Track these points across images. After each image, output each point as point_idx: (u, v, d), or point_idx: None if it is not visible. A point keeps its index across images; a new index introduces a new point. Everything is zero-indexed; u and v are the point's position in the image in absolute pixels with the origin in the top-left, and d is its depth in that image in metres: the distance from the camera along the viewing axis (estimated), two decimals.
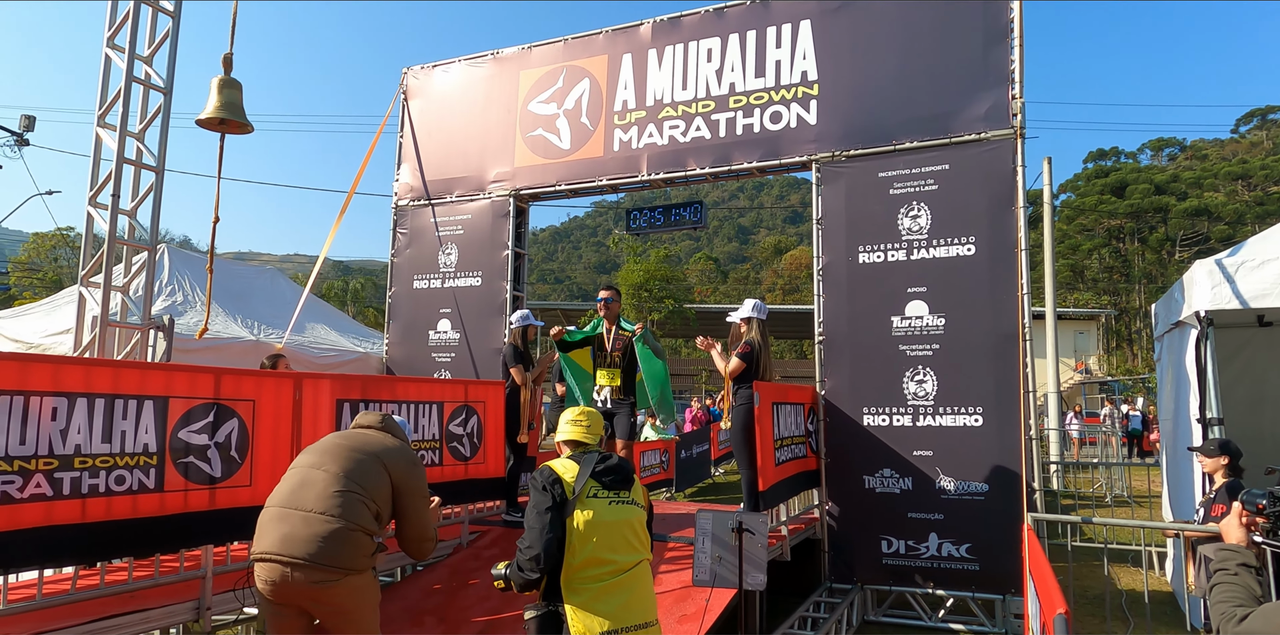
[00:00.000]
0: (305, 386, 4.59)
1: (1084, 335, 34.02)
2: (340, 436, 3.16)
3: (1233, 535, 1.82)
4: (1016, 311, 5.58)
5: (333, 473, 2.92)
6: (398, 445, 3.16)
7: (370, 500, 2.92)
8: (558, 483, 2.71)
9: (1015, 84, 5.79)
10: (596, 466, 2.78)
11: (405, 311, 8.43)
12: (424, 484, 3.16)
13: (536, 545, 2.60)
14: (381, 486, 2.98)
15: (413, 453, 3.23)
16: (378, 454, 3.04)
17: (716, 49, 6.98)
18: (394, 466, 3.04)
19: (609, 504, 2.72)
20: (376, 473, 2.98)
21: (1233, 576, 1.63)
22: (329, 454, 3.01)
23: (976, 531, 5.62)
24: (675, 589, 4.85)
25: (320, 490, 2.87)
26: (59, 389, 3.48)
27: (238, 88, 4.62)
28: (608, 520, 2.69)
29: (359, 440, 3.10)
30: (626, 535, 2.73)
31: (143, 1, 4.89)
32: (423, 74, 8.56)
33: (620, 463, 2.85)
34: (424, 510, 3.13)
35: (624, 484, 2.80)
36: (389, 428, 3.27)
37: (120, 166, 4.83)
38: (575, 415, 3.01)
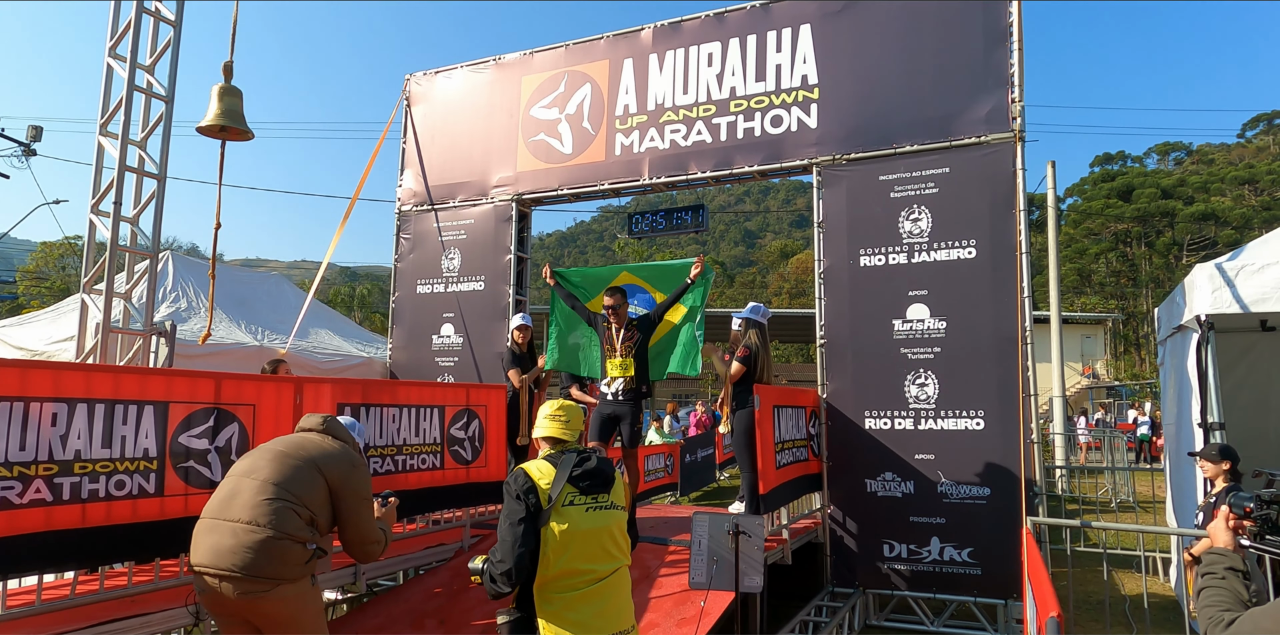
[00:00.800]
0: (306, 391, 4.61)
1: (1091, 339, 33.84)
2: (277, 441, 3.10)
3: (1220, 539, 1.81)
4: (1017, 314, 5.56)
5: (262, 480, 2.86)
6: (337, 448, 3.09)
7: (302, 507, 2.86)
8: (532, 491, 2.59)
9: (1015, 87, 5.78)
10: (574, 470, 2.65)
11: (409, 316, 8.46)
12: (365, 487, 3.09)
13: (508, 559, 2.50)
14: (316, 492, 2.92)
15: (354, 455, 3.14)
16: (313, 458, 2.97)
17: (717, 53, 6.99)
18: (330, 470, 2.97)
19: (586, 511, 2.62)
20: (310, 478, 2.92)
21: (1220, 580, 1.62)
22: (261, 461, 2.96)
23: (978, 535, 5.59)
24: (675, 592, 4.84)
25: (247, 499, 2.82)
26: (59, 395, 3.50)
27: (238, 95, 4.65)
28: (585, 529, 2.59)
29: (295, 445, 3.04)
30: (604, 543, 2.64)
31: (145, 12, 4.93)
32: (425, 80, 8.60)
33: (600, 464, 2.71)
34: (364, 514, 3.05)
35: (603, 487, 2.68)
36: (330, 430, 3.21)
37: (122, 174, 4.86)
38: (553, 409, 2.90)
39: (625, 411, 5.59)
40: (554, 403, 2.94)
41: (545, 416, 2.89)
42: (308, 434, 3.17)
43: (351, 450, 3.16)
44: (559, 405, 2.92)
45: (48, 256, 46.91)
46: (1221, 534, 1.82)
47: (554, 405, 2.92)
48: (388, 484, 5.13)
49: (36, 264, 46.63)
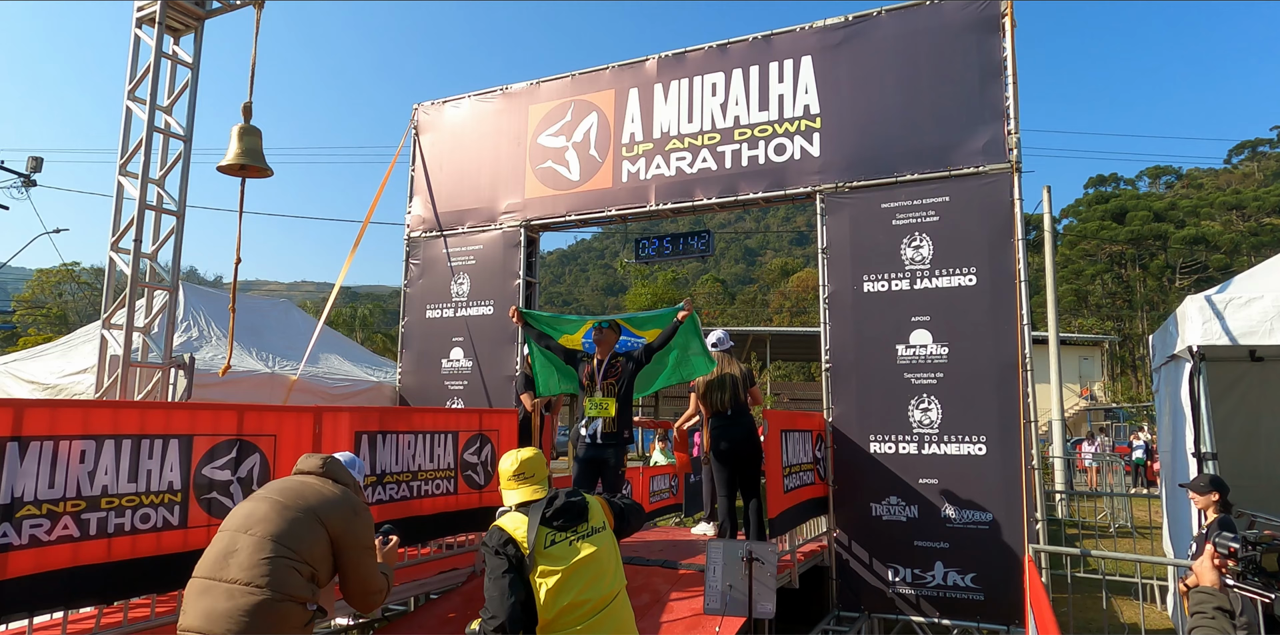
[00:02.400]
0: (325, 420, 4.71)
1: (1088, 361, 33.91)
2: (274, 489, 2.92)
3: (1206, 577, 1.89)
4: (1017, 341, 5.67)
5: (259, 537, 2.68)
6: (337, 494, 2.91)
7: (302, 563, 2.69)
8: (509, 542, 2.56)
9: (1010, 119, 5.94)
10: (545, 512, 2.63)
11: (418, 340, 8.56)
12: (368, 534, 2.95)
13: (500, 613, 2.45)
14: (317, 545, 2.75)
15: (355, 500, 2.98)
16: (313, 508, 2.80)
17: (721, 83, 7.16)
18: (331, 520, 2.80)
19: (570, 545, 2.60)
20: (310, 530, 2.74)
21: (1209, 620, 1.70)
22: (258, 514, 2.77)
23: (981, 561, 5.65)
24: (686, 616, 4.89)
25: (244, 558, 2.64)
26: (88, 432, 3.60)
27: (257, 135, 4.80)
28: (573, 562, 2.57)
29: (293, 493, 2.86)
30: (598, 569, 2.62)
31: (163, 56, 5.09)
32: (433, 109, 8.78)
33: (569, 499, 2.68)
34: (366, 563, 2.90)
35: (578, 518, 2.67)
36: (330, 472, 3.03)
37: (143, 213, 5.00)
38: (513, 467, 2.80)
39: (607, 456, 5.26)
40: (510, 459, 2.84)
41: (510, 477, 2.80)
42: (306, 478, 2.99)
43: (353, 494, 3.01)
44: (514, 463, 2.82)
45: (43, 284, 47.17)
46: (1207, 573, 1.90)
47: (510, 466, 2.82)
48: (403, 510, 5.22)
49: (32, 292, 46.85)
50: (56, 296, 47.04)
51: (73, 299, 49.42)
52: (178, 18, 5.12)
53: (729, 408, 5.83)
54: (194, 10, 5.13)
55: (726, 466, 5.89)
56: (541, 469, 2.82)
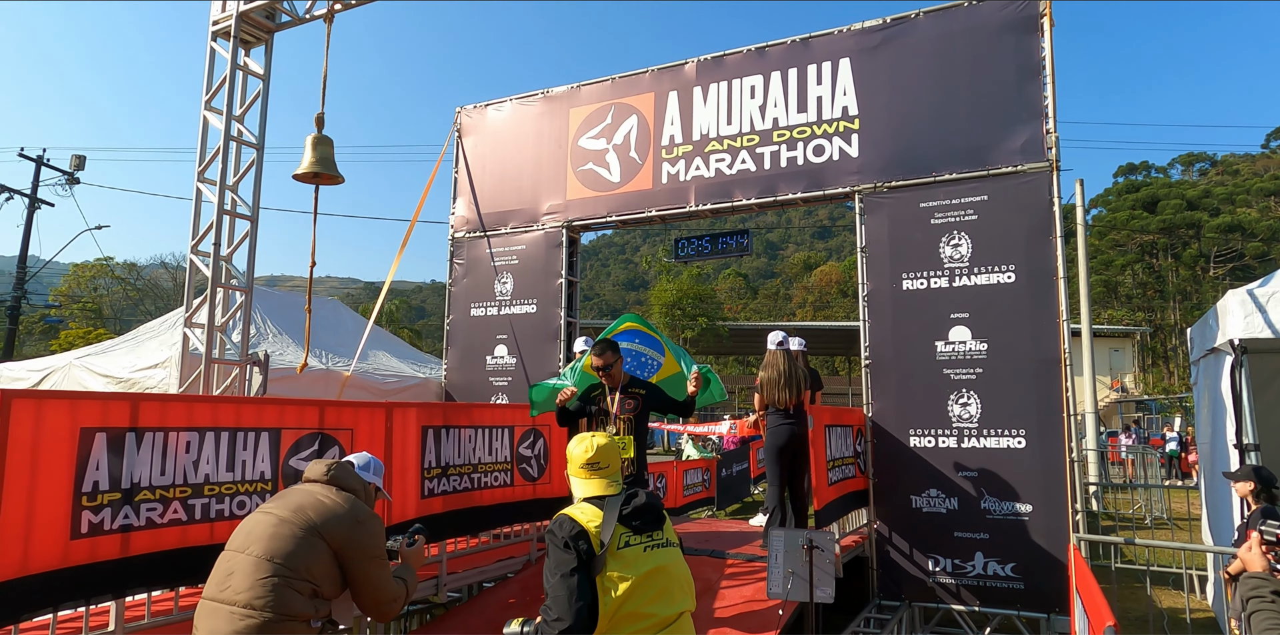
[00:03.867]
0: (395, 415, 4.99)
1: (1119, 353, 33.62)
2: (276, 503, 2.85)
3: (1254, 563, 2.02)
4: (1056, 336, 5.81)
5: (256, 556, 2.63)
6: (339, 504, 2.81)
7: (302, 581, 2.63)
8: (582, 536, 2.29)
9: (1049, 119, 6.06)
10: (624, 508, 2.37)
11: (463, 338, 8.83)
12: (373, 543, 2.83)
13: (566, 616, 2.20)
14: (318, 560, 2.68)
15: (358, 509, 2.86)
16: (312, 522, 2.71)
17: (759, 86, 7.34)
18: (331, 534, 2.72)
19: (644, 550, 2.34)
20: (310, 546, 2.67)
21: (1270, 604, 1.83)
22: (255, 532, 2.72)
23: (1021, 551, 5.81)
24: (737, 603, 5.12)
25: (241, 580, 2.60)
26: (192, 424, 3.89)
27: (329, 144, 5.07)
28: (645, 570, 2.31)
29: (294, 507, 2.78)
30: (666, 584, 2.36)
31: (238, 68, 5.37)
32: (475, 113, 9.03)
33: (649, 499, 2.44)
34: (373, 574, 2.81)
35: (656, 524, 2.42)
36: (336, 480, 2.94)
37: (220, 218, 5.29)
38: (586, 454, 2.49)
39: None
40: (581, 448, 2.52)
41: (581, 466, 2.49)
42: (312, 487, 2.91)
43: (358, 502, 2.90)
44: (588, 449, 2.50)
45: (79, 278, 48.29)
46: (1256, 560, 2.04)
47: (582, 452, 2.51)
48: (465, 500, 5.49)
49: (69, 286, 47.96)
50: (91, 291, 48.14)
51: (107, 293, 50.53)
52: (250, 31, 5.40)
53: (791, 406, 6.02)
54: (265, 24, 5.42)
55: (781, 462, 6.09)
56: (616, 460, 2.54)
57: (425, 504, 5.26)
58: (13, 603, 3.17)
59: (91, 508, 3.50)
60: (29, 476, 3.27)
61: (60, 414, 3.40)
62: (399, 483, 5.01)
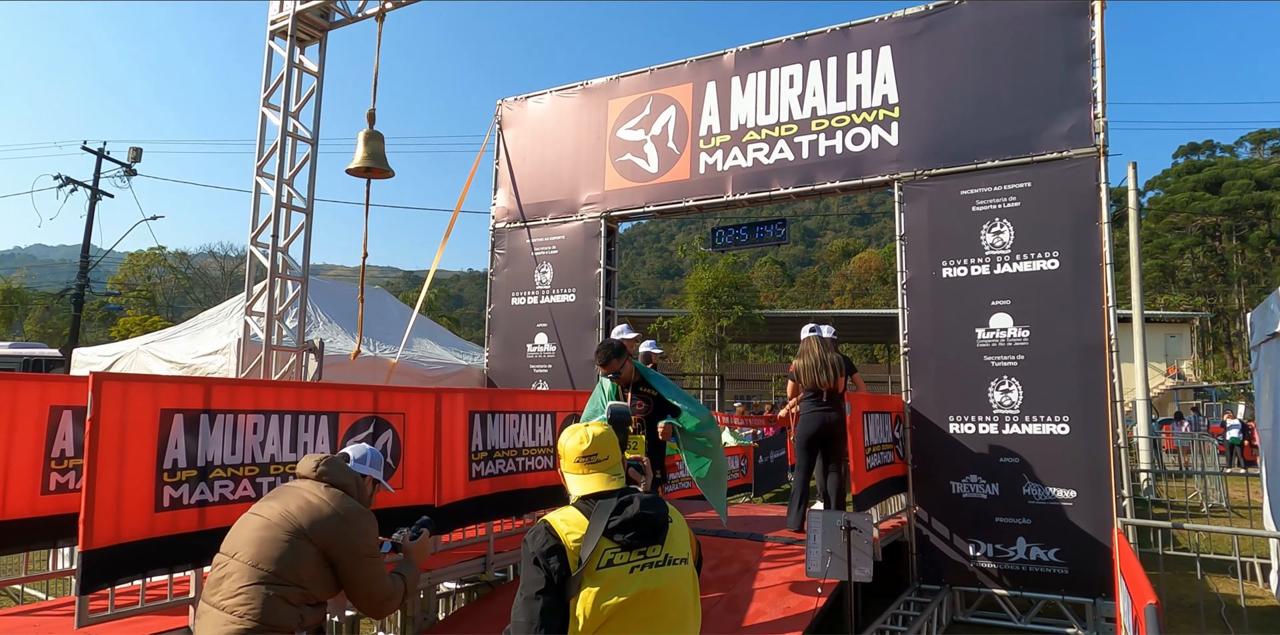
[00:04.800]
0: (444, 400, 5.18)
1: (1175, 339, 32.71)
2: (265, 505, 2.82)
3: None
4: (1102, 323, 5.78)
5: (243, 562, 2.63)
6: (325, 504, 2.77)
7: (289, 586, 2.62)
8: (555, 552, 1.97)
9: (1098, 103, 5.98)
10: (611, 519, 1.99)
11: (504, 326, 9.04)
12: (363, 542, 2.78)
13: None
14: (304, 564, 2.65)
15: (347, 507, 2.80)
16: (298, 524, 2.69)
17: (798, 75, 7.35)
18: (319, 534, 2.69)
19: (631, 571, 1.96)
20: (296, 550, 2.64)
21: None
22: (242, 536, 2.72)
23: (1065, 536, 5.81)
24: (776, 584, 5.23)
25: (229, 585, 2.61)
26: (258, 407, 4.12)
27: (380, 139, 5.26)
28: (630, 594, 1.94)
29: (281, 509, 2.75)
30: (657, 610, 1.98)
31: (294, 65, 5.58)
32: (516, 105, 9.19)
33: (646, 507, 2.03)
34: (363, 572, 2.77)
35: (651, 537, 2.02)
36: (324, 475, 2.90)
37: (278, 211, 5.52)
38: (580, 446, 2.17)
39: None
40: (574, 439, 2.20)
41: (575, 461, 2.17)
42: (301, 484, 2.89)
43: (347, 500, 2.84)
44: (581, 440, 2.18)
45: (134, 267, 50.05)
46: None
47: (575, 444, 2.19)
48: (511, 483, 5.69)
49: (124, 274, 49.72)
50: (145, 279, 49.91)
51: (160, 281, 52.32)
52: (305, 30, 5.61)
53: (826, 390, 6.10)
54: (319, 22, 5.62)
55: (811, 448, 6.19)
56: (615, 451, 2.22)
57: (473, 486, 5.47)
58: (109, 568, 3.45)
59: (172, 483, 3.75)
60: (118, 453, 3.52)
61: (143, 396, 3.65)
62: (448, 465, 5.21)
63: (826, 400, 6.07)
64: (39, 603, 4.66)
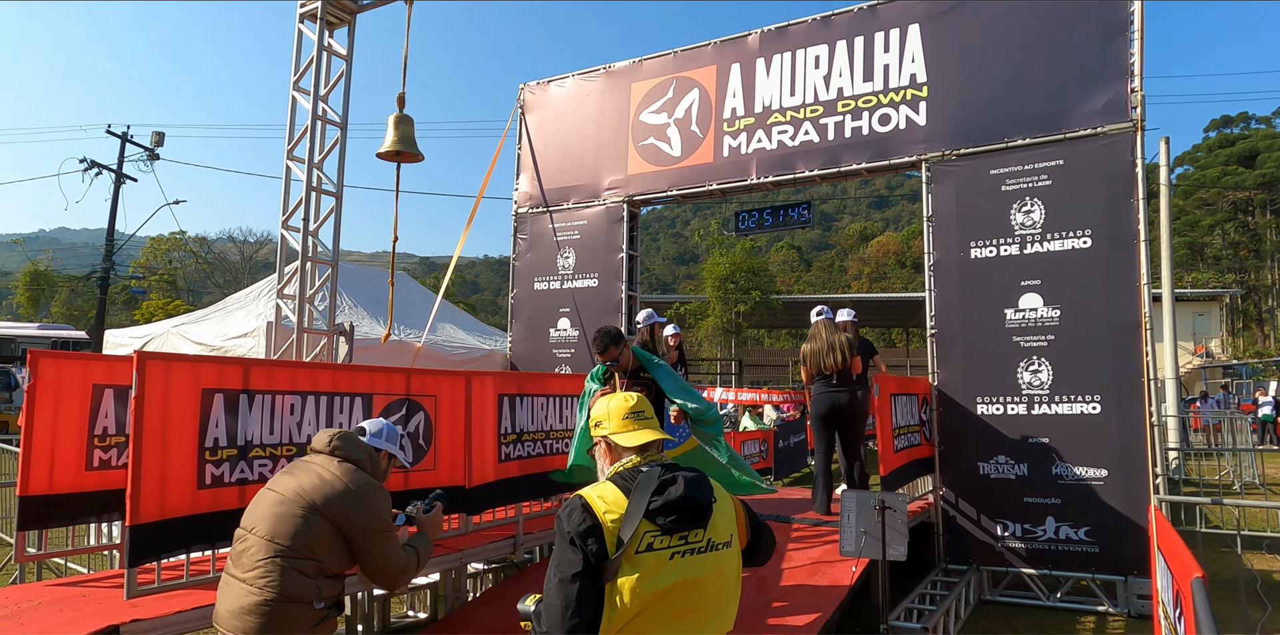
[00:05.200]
0: (474, 383, 5.23)
1: (1204, 317, 32.22)
2: (281, 479, 2.87)
3: None
4: (1136, 301, 5.71)
5: (260, 537, 2.69)
6: (338, 478, 2.79)
7: (304, 559, 2.67)
8: (593, 533, 1.81)
9: (1135, 77, 5.86)
10: (653, 499, 1.84)
11: (526, 311, 9.08)
12: (375, 515, 2.80)
13: (556, 632, 1.78)
14: (318, 538, 2.69)
15: (359, 481, 2.82)
16: (311, 500, 2.72)
17: (824, 55, 7.27)
18: (330, 509, 2.72)
19: (671, 557, 1.81)
20: (309, 524, 2.69)
21: None
22: (259, 511, 2.78)
23: (1096, 515, 5.79)
24: (805, 564, 5.27)
25: (248, 559, 2.68)
26: (295, 388, 4.19)
27: (410, 123, 5.27)
28: (669, 583, 1.79)
29: (294, 484, 2.80)
30: (696, 601, 1.83)
31: (323, 49, 5.59)
32: (538, 89, 9.16)
33: (690, 488, 1.86)
34: (375, 546, 2.79)
35: (695, 520, 1.86)
36: (337, 450, 2.91)
37: (309, 194, 5.56)
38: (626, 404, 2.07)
39: None
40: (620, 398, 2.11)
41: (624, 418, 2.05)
42: (315, 459, 2.92)
43: (359, 474, 2.86)
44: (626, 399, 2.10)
45: (155, 251, 50.67)
46: None
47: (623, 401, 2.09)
48: (538, 465, 5.74)
49: (146, 258, 50.35)
50: (166, 263, 50.55)
51: (180, 266, 52.97)
52: (334, 12, 5.62)
53: (834, 372, 6.10)
54: (348, 5, 5.63)
55: (826, 428, 6.19)
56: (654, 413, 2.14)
57: (502, 468, 5.52)
58: (156, 543, 3.54)
59: (213, 462, 3.83)
60: (161, 431, 3.60)
61: (185, 375, 3.72)
62: (478, 447, 5.27)
63: (838, 381, 6.08)
64: (80, 576, 4.79)
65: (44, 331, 27.29)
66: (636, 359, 4.69)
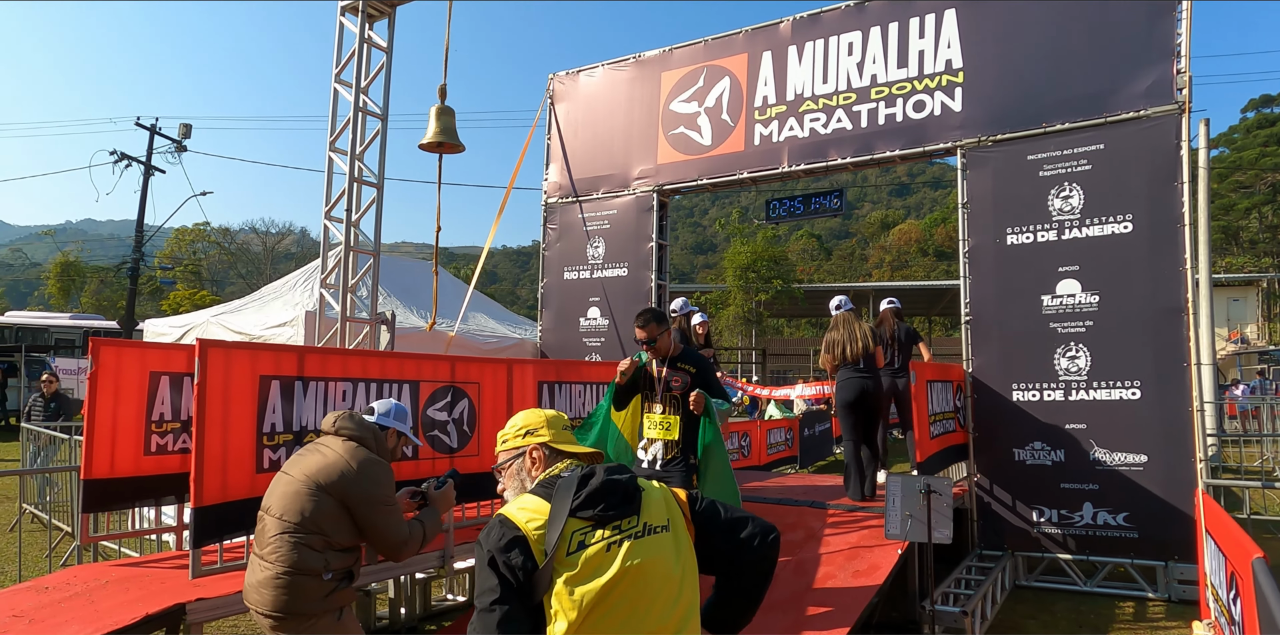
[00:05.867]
0: (515, 371, 5.33)
1: (1239, 302, 31.60)
2: (291, 463, 3.03)
3: None
4: (1178, 286, 5.67)
5: (273, 516, 2.87)
6: (339, 457, 2.92)
7: (312, 534, 2.83)
8: (515, 546, 1.67)
9: (1181, 58, 5.77)
10: (577, 494, 1.71)
11: (556, 300, 9.15)
12: (377, 491, 2.93)
13: None
14: (325, 514, 2.85)
15: (360, 458, 2.93)
16: (314, 478, 2.87)
17: (857, 42, 7.23)
18: (334, 486, 2.86)
19: (609, 549, 1.67)
20: (314, 501, 2.84)
21: None
22: (273, 492, 2.95)
23: (1135, 500, 5.78)
24: (843, 549, 5.31)
25: (265, 537, 2.87)
26: (346, 375, 4.29)
27: (451, 114, 5.34)
28: (611, 576, 1.64)
29: (301, 463, 2.96)
30: (644, 590, 1.67)
31: (364, 41, 5.66)
32: (568, 79, 9.19)
33: (610, 476, 1.75)
34: (380, 519, 2.93)
35: (625, 505, 1.73)
36: (343, 429, 3.05)
37: (351, 186, 5.65)
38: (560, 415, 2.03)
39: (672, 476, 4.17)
40: (542, 413, 2.04)
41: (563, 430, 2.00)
42: (322, 440, 3.07)
43: (360, 451, 2.97)
44: (550, 413, 2.04)
45: (180, 242, 51.41)
46: None
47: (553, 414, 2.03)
48: None
49: (171, 249, 51.12)
50: (191, 254, 51.29)
51: (205, 256, 53.71)
52: (375, 5, 5.68)
53: (859, 360, 6.12)
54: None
55: (854, 415, 6.22)
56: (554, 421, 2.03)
57: None
58: (218, 524, 3.66)
59: (270, 446, 3.94)
60: (222, 416, 3.71)
61: (243, 362, 3.82)
62: None
63: (865, 368, 6.11)
64: (141, 557, 4.95)
65: (76, 321, 27.85)
66: (678, 346, 4.38)
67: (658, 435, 4.22)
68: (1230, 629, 2.96)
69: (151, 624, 3.39)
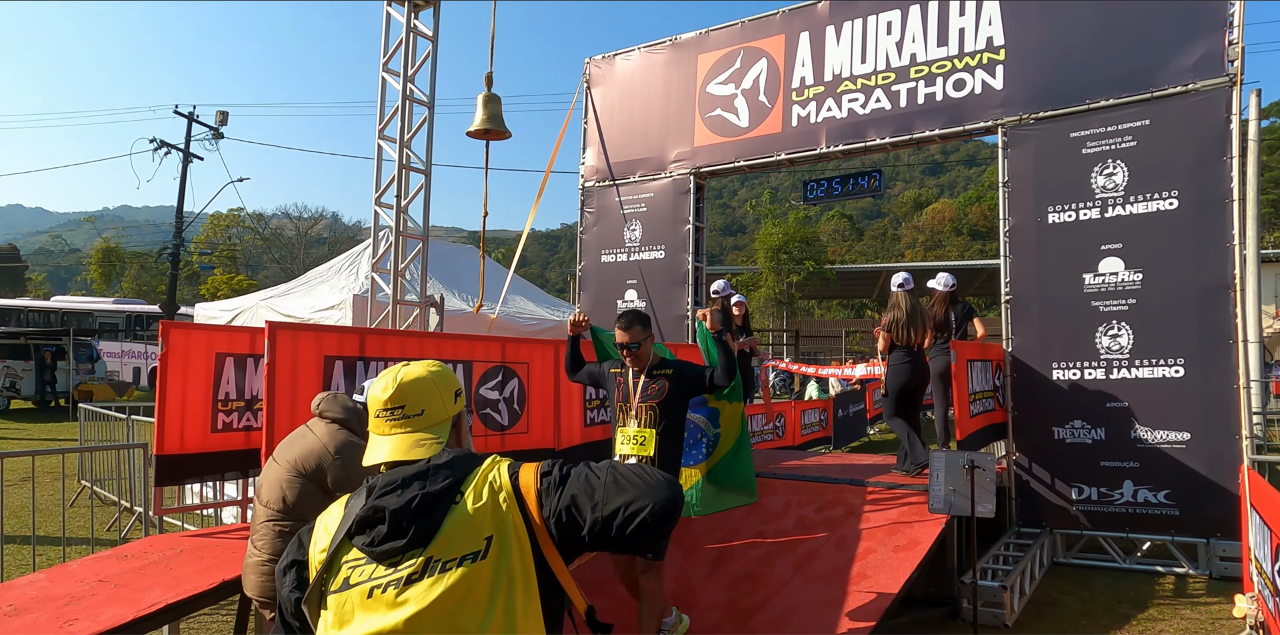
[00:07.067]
0: (562, 352, 5.47)
1: None
2: (279, 450, 3.07)
3: None
4: (1225, 263, 5.61)
5: (261, 504, 2.95)
6: (317, 440, 2.96)
7: (297, 520, 2.88)
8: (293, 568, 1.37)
9: (1234, 28, 5.65)
10: (366, 505, 1.29)
11: (594, 283, 9.28)
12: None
13: None
14: (305, 498, 2.87)
15: (339, 440, 2.95)
16: (294, 463, 2.92)
17: (896, 21, 7.18)
18: (313, 469, 2.91)
19: (370, 595, 1.25)
20: (295, 487, 2.89)
21: None
22: (261, 480, 3.01)
23: (1177, 478, 5.78)
24: (883, 525, 5.41)
25: (255, 525, 2.96)
26: (404, 355, 4.48)
27: (498, 102, 5.46)
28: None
29: (284, 448, 3.02)
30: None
31: (410, 30, 5.79)
32: (604, 63, 9.24)
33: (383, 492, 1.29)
34: None
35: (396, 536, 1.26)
36: (325, 413, 3.07)
37: (401, 172, 5.82)
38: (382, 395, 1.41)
39: None
40: (381, 384, 1.44)
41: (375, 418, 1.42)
42: (309, 423, 3.09)
43: (339, 432, 2.98)
44: (386, 386, 1.42)
45: (216, 227, 52.51)
46: None
47: (379, 391, 1.42)
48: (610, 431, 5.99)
49: (207, 234, 52.25)
50: (226, 239, 52.38)
51: (239, 242, 54.81)
52: None
53: (917, 344, 6.17)
54: None
55: (902, 396, 6.29)
56: (441, 404, 1.45)
57: (588, 432, 5.79)
58: None
59: None
60: (290, 394, 3.92)
61: (309, 343, 4.03)
62: (566, 412, 5.54)
63: (917, 351, 6.19)
64: (212, 528, 5.22)
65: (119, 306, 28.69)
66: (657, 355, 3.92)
67: (631, 451, 3.71)
68: (1275, 600, 3.02)
69: (227, 589, 3.63)
